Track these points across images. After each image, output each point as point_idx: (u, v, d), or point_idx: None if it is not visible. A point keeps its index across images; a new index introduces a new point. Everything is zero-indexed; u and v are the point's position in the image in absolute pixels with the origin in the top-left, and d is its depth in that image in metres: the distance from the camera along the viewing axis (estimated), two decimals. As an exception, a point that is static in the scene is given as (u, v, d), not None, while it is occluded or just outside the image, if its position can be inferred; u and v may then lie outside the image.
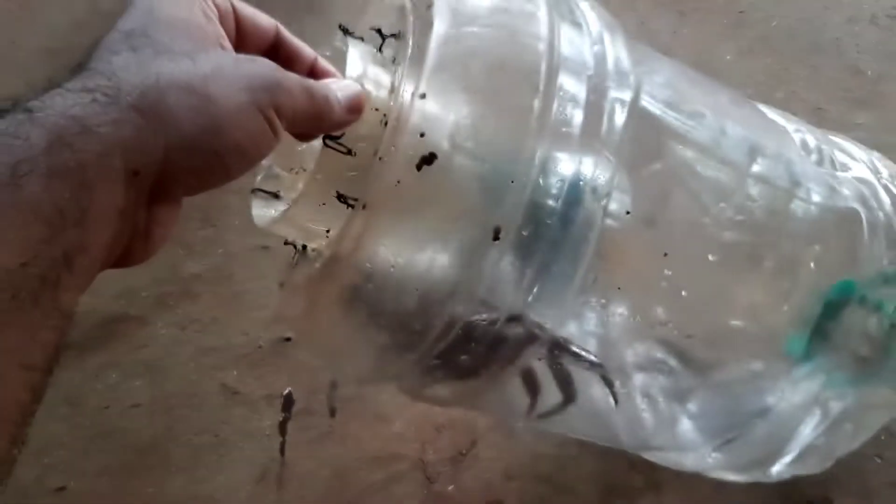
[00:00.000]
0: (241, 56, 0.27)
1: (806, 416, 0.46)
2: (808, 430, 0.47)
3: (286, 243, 0.39)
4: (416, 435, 0.60)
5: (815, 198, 0.42)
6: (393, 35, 0.35)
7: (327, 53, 0.34)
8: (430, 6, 0.32)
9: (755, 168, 0.41)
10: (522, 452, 0.60)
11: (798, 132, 0.48)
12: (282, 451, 0.60)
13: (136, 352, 0.66)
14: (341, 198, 0.31)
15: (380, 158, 0.30)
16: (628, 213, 0.35)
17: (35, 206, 0.21)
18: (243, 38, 0.30)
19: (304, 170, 0.36)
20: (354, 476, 0.59)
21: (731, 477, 0.51)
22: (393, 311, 0.32)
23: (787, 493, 0.58)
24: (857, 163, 0.49)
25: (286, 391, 0.63)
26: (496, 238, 0.30)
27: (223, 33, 0.28)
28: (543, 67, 0.32)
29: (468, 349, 0.34)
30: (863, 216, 0.43)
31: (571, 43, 0.34)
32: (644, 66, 0.39)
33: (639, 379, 0.44)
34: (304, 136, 0.30)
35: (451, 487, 0.58)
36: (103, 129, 0.22)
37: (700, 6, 0.91)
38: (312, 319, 0.35)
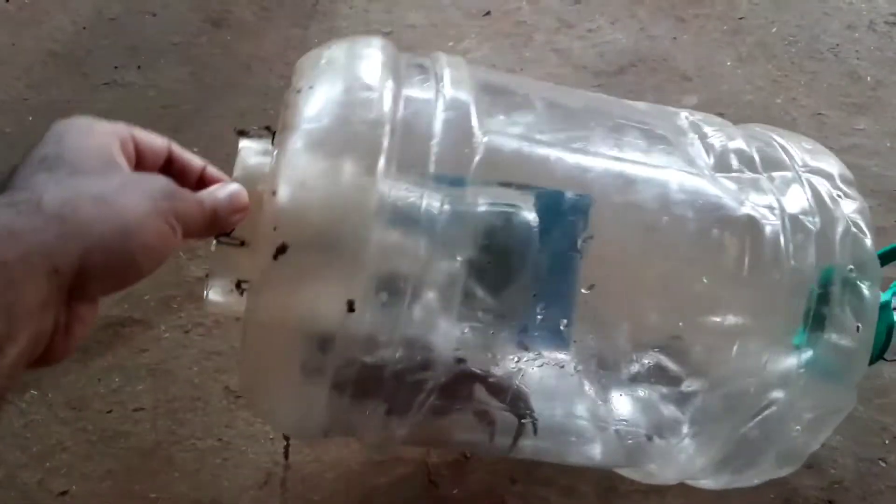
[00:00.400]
0: (143, 174, 0.33)
1: (800, 411, 0.46)
2: (795, 427, 0.47)
3: (237, 319, 0.42)
4: (421, 438, 0.60)
5: (698, 209, 0.43)
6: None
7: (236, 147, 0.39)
8: (287, 106, 0.37)
9: (621, 197, 0.42)
10: (526, 456, 0.60)
11: (717, 133, 0.48)
12: (286, 454, 0.60)
13: (139, 355, 0.66)
14: (238, 285, 0.37)
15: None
16: (490, 262, 0.38)
17: None
18: (141, 159, 0.34)
19: None
20: (358, 479, 0.59)
21: (708, 483, 0.51)
22: (303, 365, 0.37)
23: (788, 497, 0.58)
24: (781, 156, 0.48)
25: (290, 395, 0.63)
26: (351, 310, 0.35)
27: (123, 156, 0.32)
28: (382, 150, 0.36)
29: (371, 390, 0.39)
30: (760, 221, 0.43)
31: (417, 116, 0.38)
32: (503, 115, 0.42)
33: (641, 392, 0.44)
34: (201, 237, 0.35)
35: (455, 491, 0.58)
36: (27, 236, 0.26)
37: (700, 12, 0.92)
38: (251, 386, 0.40)
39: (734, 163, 0.46)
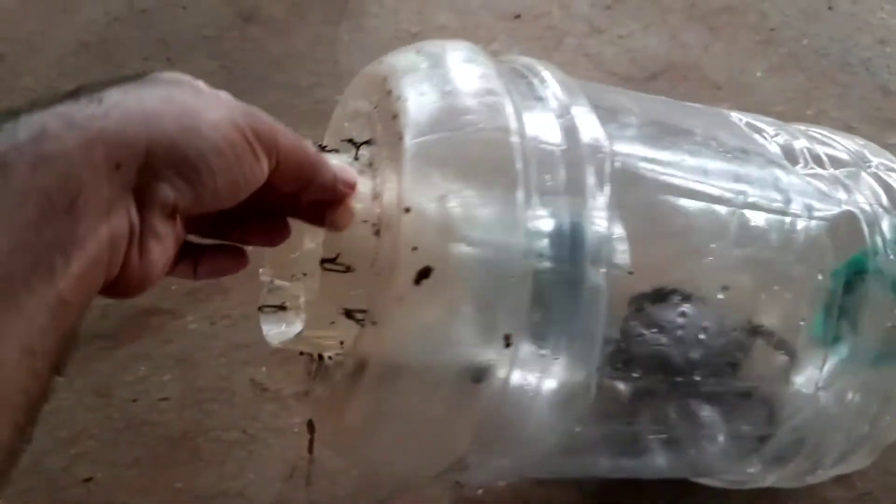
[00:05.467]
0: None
1: (846, 408, 0.45)
2: (846, 425, 0.46)
3: (301, 354, 0.39)
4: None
5: (809, 210, 0.42)
6: (366, 142, 0.35)
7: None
8: (395, 116, 0.33)
9: (746, 198, 0.41)
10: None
11: (779, 134, 0.48)
12: (310, 448, 0.60)
13: (165, 345, 0.66)
14: (349, 314, 0.32)
15: (378, 275, 0.31)
16: (631, 272, 0.35)
17: (22, 193, 0.21)
18: None
19: (304, 275, 0.37)
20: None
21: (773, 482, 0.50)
22: (422, 412, 0.33)
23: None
24: (843, 154, 0.48)
25: (316, 389, 0.63)
26: (508, 345, 0.31)
27: None
28: (518, 159, 0.32)
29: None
30: (860, 216, 0.43)
31: (539, 124, 0.35)
32: (614, 121, 0.39)
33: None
34: (291, 196, 0.30)
35: (480, 491, 0.58)
36: (86, 123, 0.23)
37: (732, 22, 0.92)
38: (345, 434, 0.36)
39: (803, 161, 0.46)
